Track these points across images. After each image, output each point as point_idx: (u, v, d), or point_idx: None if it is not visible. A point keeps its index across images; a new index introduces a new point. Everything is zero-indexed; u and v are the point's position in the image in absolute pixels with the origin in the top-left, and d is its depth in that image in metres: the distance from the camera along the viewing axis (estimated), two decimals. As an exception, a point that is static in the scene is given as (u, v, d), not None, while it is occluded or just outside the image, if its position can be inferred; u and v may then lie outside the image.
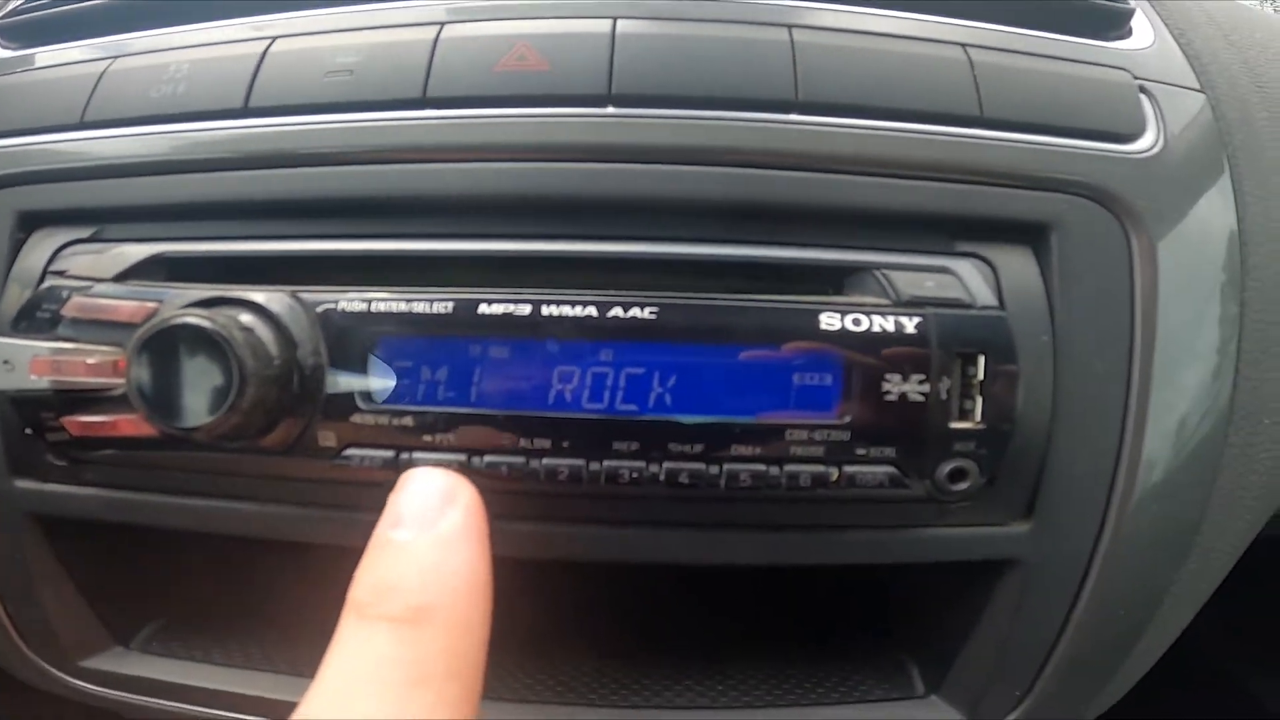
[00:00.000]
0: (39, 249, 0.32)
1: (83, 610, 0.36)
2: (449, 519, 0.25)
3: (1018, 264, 0.30)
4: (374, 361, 0.29)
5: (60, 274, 0.31)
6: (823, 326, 0.28)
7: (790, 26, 0.32)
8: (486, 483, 0.28)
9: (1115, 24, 0.35)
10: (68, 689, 0.37)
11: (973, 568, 0.32)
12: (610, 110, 0.31)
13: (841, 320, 0.28)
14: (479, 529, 0.25)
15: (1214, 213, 0.31)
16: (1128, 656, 0.34)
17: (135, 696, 0.36)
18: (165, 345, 0.26)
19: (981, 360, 0.28)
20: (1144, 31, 0.35)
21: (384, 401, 0.29)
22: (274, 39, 0.32)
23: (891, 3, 0.34)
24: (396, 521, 0.25)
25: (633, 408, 0.29)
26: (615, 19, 0.32)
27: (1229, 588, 0.82)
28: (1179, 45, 0.35)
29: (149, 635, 0.38)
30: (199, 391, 0.26)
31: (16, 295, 0.31)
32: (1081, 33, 0.34)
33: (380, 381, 0.29)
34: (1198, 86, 0.33)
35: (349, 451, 0.29)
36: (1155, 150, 0.31)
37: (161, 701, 0.36)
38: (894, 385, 0.28)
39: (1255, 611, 0.78)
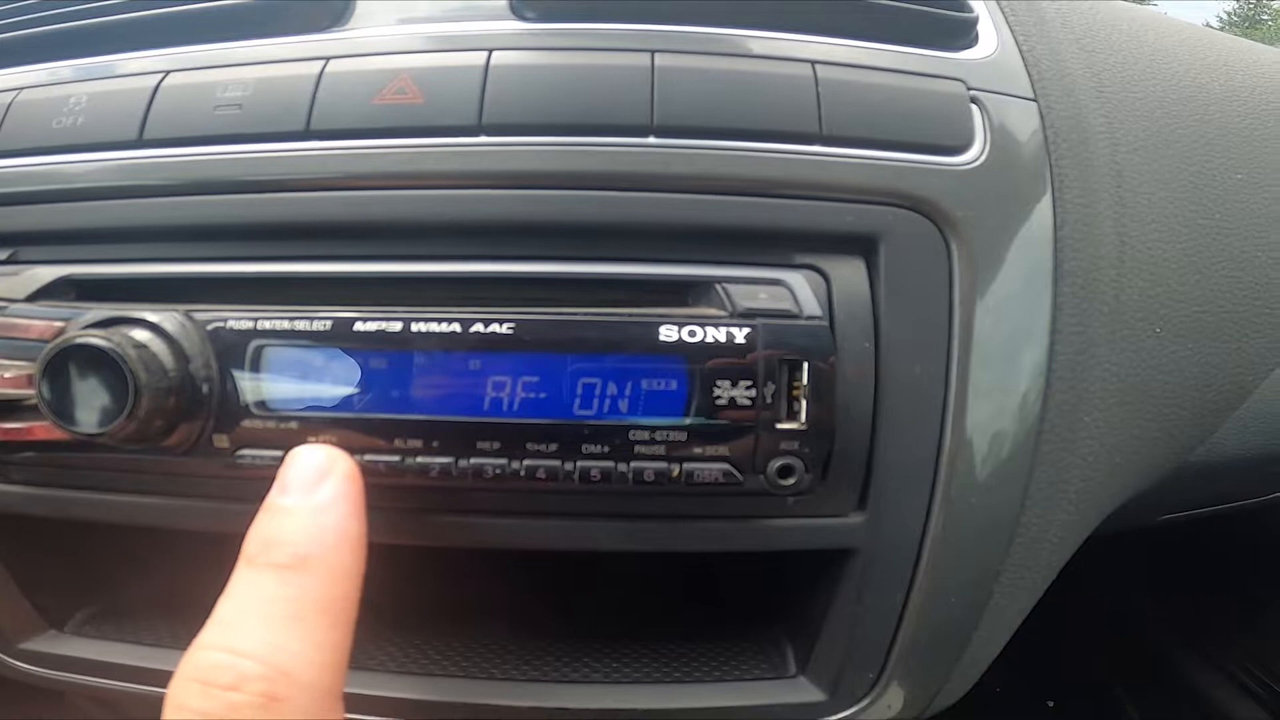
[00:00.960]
0: (-44, 271, 0.36)
1: (17, 597, 0.40)
2: (327, 487, 0.30)
3: (848, 275, 0.34)
4: (261, 373, 0.33)
5: (-23, 295, 0.35)
6: (661, 338, 0.32)
7: (653, 52, 0.35)
8: (367, 479, 0.33)
9: (959, 34, 0.37)
10: (9, 670, 0.41)
11: (823, 556, 0.36)
12: (481, 139, 0.34)
13: (678, 332, 0.32)
14: (354, 494, 0.30)
15: (1033, 219, 0.34)
16: (969, 642, 0.38)
17: (71, 675, 0.41)
18: (67, 362, 0.30)
19: (805, 367, 0.32)
20: (989, 40, 0.38)
21: (272, 408, 0.33)
22: (167, 73, 0.35)
23: (750, 21, 0.37)
24: (284, 490, 0.30)
25: (495, 411, 0.33)
26: (491, 51, 0.35)
27: (1177, 582, 0.85)
28: (1020, 52, 0.38)
29: (82, 619, 0.43)
30: (99, 402, 0.30)
31: (-63, 314, 0.35)
32: (927, 44, 0.37)
33: (268, 390, 0.33)
34: (1030, 95, 0.36)
35: (242, 452, 0.33)
36: (978, 162, 0.34)
37: (96, 679, 0.41)
38: (724, 390, 0.32)
39: (1203, 607, 0.82)
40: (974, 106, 0.35)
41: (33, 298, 0.34)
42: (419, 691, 0.40)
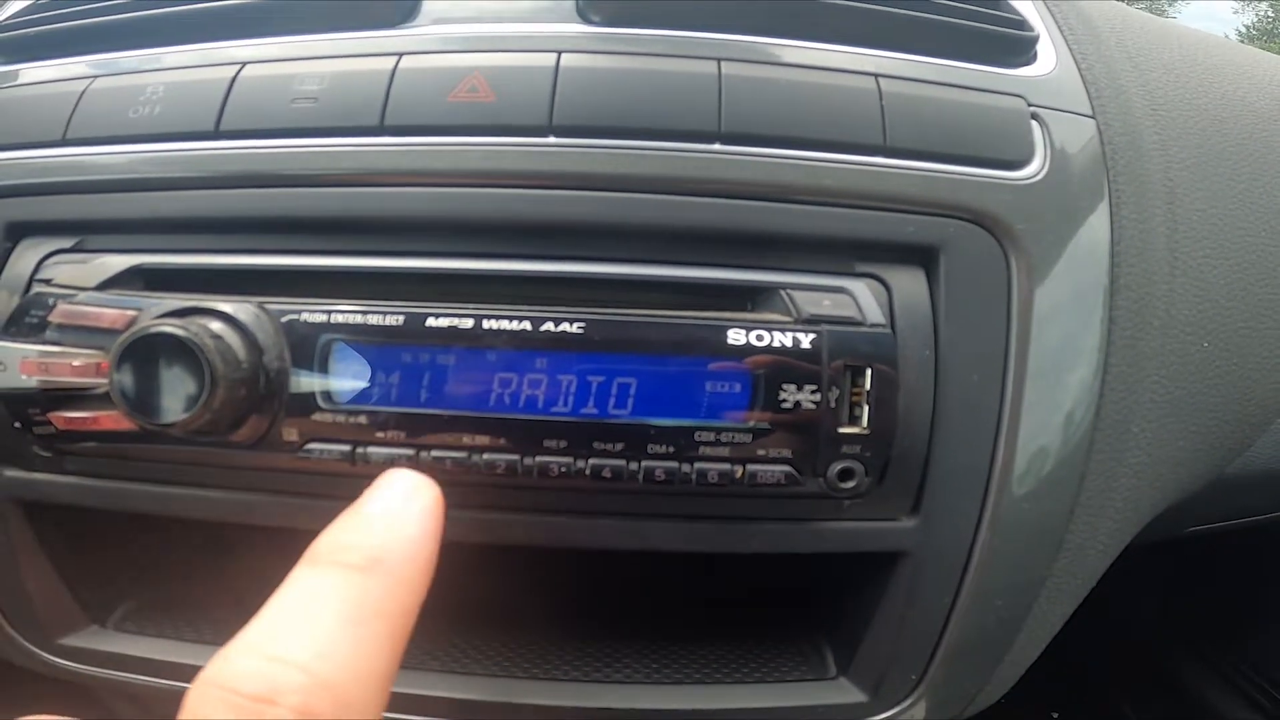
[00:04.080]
0: (25, 258, 0.38)
1: (61, 591, 0.42)
2: (414, 502, 0.30)
3: (909, 284, 0.37)
4: (333, 366, 0.35)
5: (46, 282, 0.37)
6: (729, 341, 0.35)
7: (720, 60, 0.38)
8: (434, 474, 0.35)
9: (1020, 51, 0.41)
10: (47, 666, 0.43)
11: (872, 559, 0.39)
12: (551, 140, 0.36)
13: (746, 336, 0.35)
14: (436, 517, 0.30)
15: (1090, 235, 0.38)
16: (1010, 646, 0.41)
17: (110, 672, 0.43)
18: (145, 350, 0.32)
19: (869, 373, 0.35)
20: (1047, 58, 0.41)
21: (342, 402, 0.35)
22: (244, 64, 0.38)
23: (813, 33, 0.40)
24: (368, 497, 0.30)
25: (562, 410, 0.35)
26: (560, 53, 0.38)
27: (1182, 590, 0.89)
28: (1079, 71, 0.41)
29: (123, 615, 0.45)
30: (175, 392, 0.33)
31: (5, 301, 0.38)
32: (988, 60, 0.40)
33: (338, 384, 0.35)
34: (1089, 112, 0.40)
35: (310, 445, 0.36)
36: (1039, 176, 0.37)
37: (134, 676, 0.43)
38: (790, 394, 0.35)
39: (1209, 615, 0.86)
40: (1034, 122, 0.38)
41: (102, 286, 0.37)
42: (460, 690, 0.42)
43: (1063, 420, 0.37)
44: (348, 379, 0.35)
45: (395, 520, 0.29)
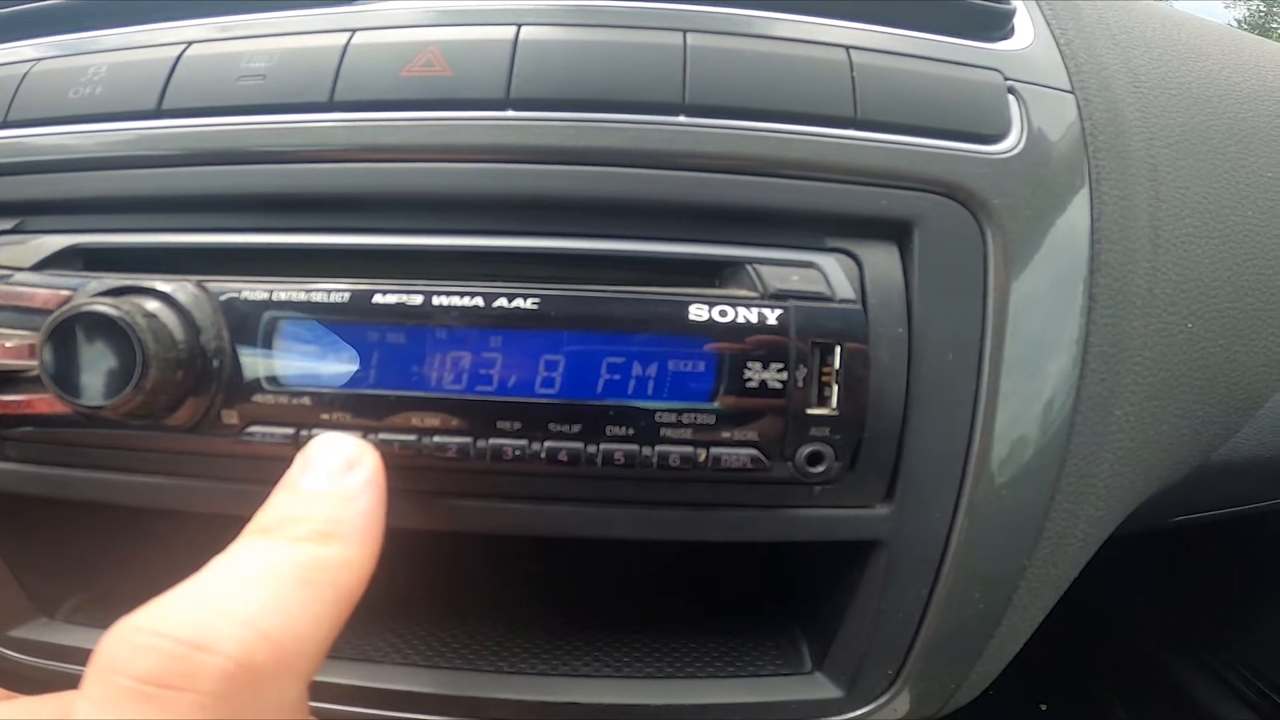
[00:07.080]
0: (-38, 239, 0.35)
1: (8, 582, 0.39)
2: (357, 474, 0.29)
3: (882, 259, 0.33)
4: (275, 346, 0.32)
5: (-18, 263, 0.35)
6: (691, 317, 0.32)
7: (685, 31, 0.35)
8: (382, 458, 0.32)
9: (996, 25, 0.38)
10: (-3, 658, 0.40)
11: (845, 549, 0.36)
12: (509, 114, 0.33)
13: (709, 311, 0.32)
14: (380, 488, 0.29)
15: (1070, 211, 0.35)
16: (990, 639, 0.37)
17: (59, 664, 0.40)
18: (73, 330, 0.29)
19: (838, 351, 0.32)
20: (1025, 32, 0.38)
21: (284, 383, 0.32)
22: (189, 43, 0.35)
23: (784, 4, 0.37)
24: (308, 471, 0.29)
25: (517, 390, 0.32)
26: (520, 25, 0.35)
27: (1170, 586, 0.86)
28: (1057, 45, 0.38)
29: (74, 607, 0.41)
30: (105, 373, 0.30)
31: (-59, 282, 0.35)
32: (963, 34, 0.37)
33: (280, 364, 0.32)
34: (1068, 87, 0.37)
35: (252, 429, 0.33)
36: (1015, 151, 0.34)
37: (85, 669, 0.40)
38: (755, 373, 0.31)
39: (1198, 611, 0.83)
40: (1011, 96, 0.35)
41: (38, 266, 0.34)
42: (424, 684, 0.39)
43: (1042, 401, 0.34)
44: (290, 359, 0.32)
45: (343, 495, 0.28)
